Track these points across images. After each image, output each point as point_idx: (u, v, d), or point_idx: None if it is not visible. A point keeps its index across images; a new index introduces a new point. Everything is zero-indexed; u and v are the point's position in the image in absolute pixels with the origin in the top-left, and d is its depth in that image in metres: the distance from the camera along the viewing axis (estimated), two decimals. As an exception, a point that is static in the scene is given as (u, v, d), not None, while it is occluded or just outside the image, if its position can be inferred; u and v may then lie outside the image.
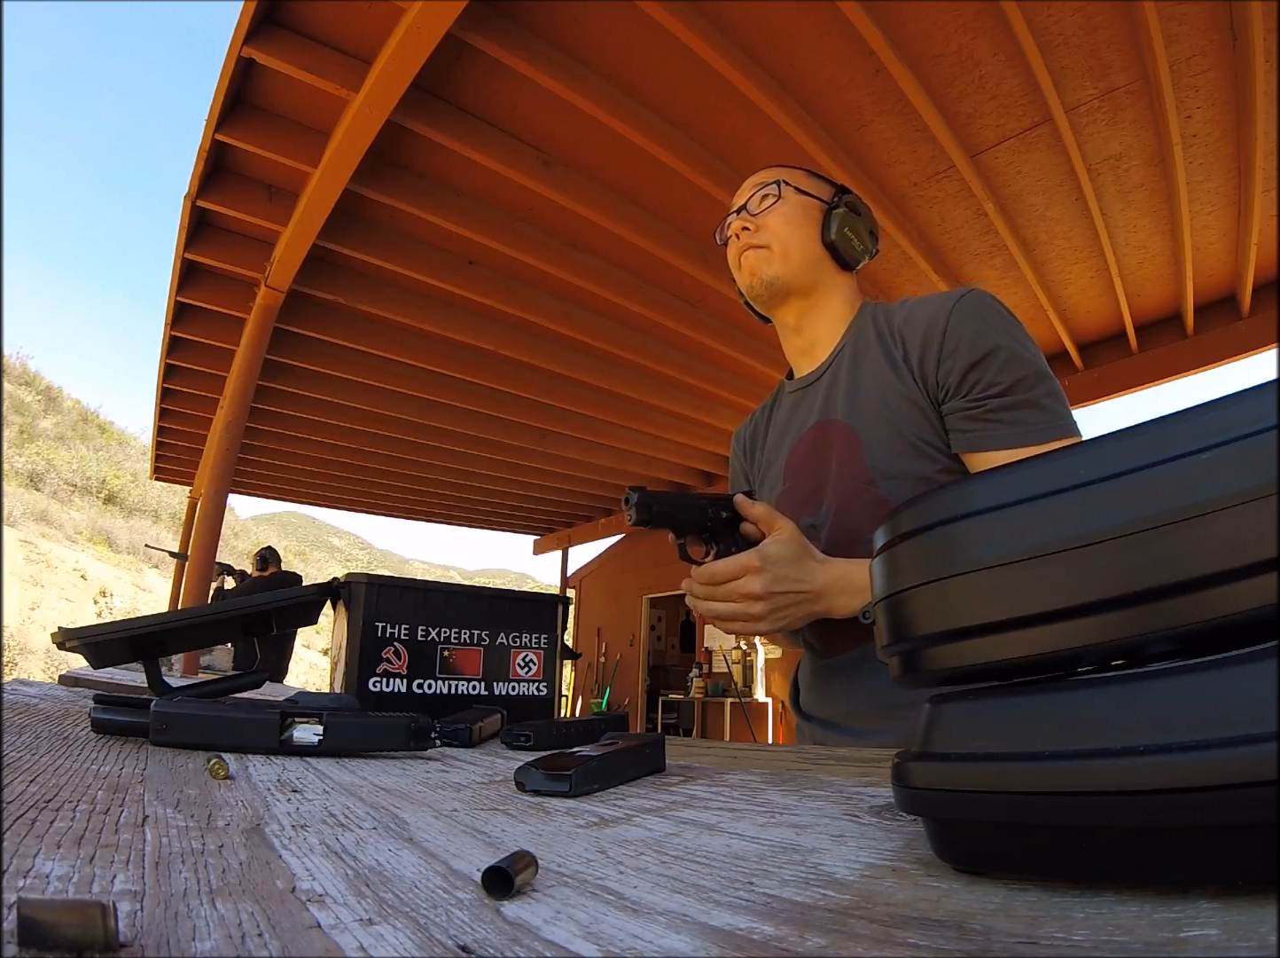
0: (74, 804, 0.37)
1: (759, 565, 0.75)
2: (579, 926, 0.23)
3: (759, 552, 0.77)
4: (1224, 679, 0.22)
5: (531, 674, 1.08)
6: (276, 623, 0.92)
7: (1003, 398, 0.80)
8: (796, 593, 0.76)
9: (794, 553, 0.77)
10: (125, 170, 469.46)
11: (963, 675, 0.29)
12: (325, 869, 0.29)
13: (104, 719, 0.67)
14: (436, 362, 4.34)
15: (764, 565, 0.75)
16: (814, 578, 0.78)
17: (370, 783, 0.52)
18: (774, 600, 0.75)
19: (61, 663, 9.97)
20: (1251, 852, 0.20)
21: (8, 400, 22.44)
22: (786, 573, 0.76)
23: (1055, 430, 0.78)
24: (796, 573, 0.77)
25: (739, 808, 0.45)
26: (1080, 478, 0.25)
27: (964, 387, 0.82)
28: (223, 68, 2.48)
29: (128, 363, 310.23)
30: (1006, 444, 0.79)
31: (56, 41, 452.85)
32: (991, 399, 0.80)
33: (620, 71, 2.52)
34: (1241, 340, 3.85)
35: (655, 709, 7.81)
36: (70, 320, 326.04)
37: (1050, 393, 0.80)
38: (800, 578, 0.77)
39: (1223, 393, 0.24)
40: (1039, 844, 0.24)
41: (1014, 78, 2.52)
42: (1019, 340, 0.82)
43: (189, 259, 3.50)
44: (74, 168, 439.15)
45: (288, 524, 54.79)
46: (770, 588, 0.75)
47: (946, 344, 0.82)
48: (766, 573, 0.75)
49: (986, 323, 0.82)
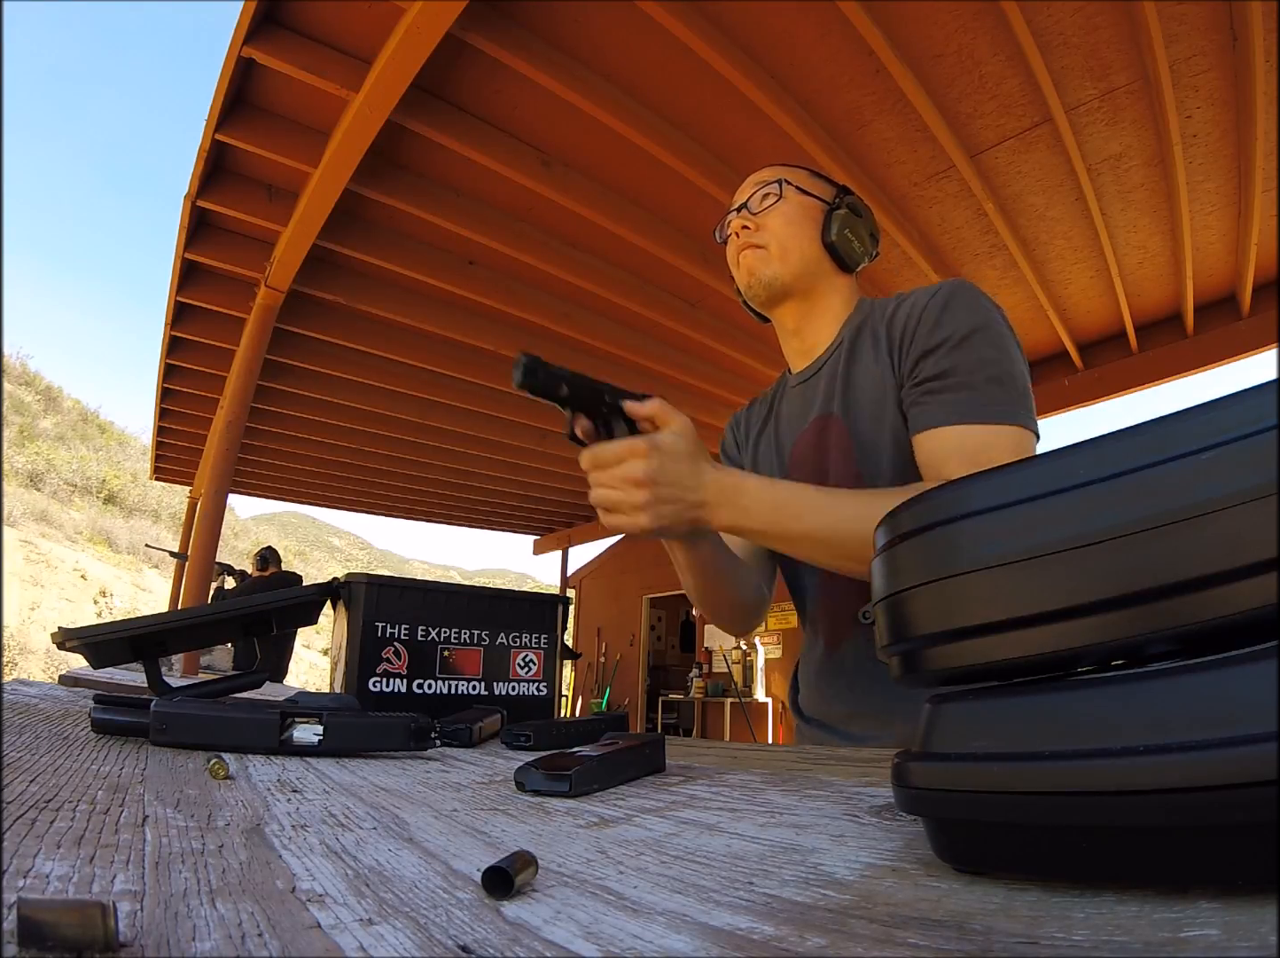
0: (74, 804, 0.37)
1: (645, 450, 0.70)
2: (579, 926, 0.23)
3: (650, 438, 0.72)
4: (1224, 679, 0.22)
5: (531, 674, 1.08)
6: (276, 623, 0.92)
7: (939, 380, 0.80)
8: (681, 488, 0.71)
9: (687, 449, 0.72)
10: (125, 170, 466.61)
11: (963, 675, 0.29)
12: (325, 869, 0.29)
13: (104, 719, 0.67)
14: (436, 362, 4.34)
15: (651, 452, 0.70)
16: (703, 479, 0.72)
17: (370, 783, 0.52)
18: (657, 491, 0.70)
19: (61, 663, 9.97)
20: (1251, 852, 0.20)
21: (8, 400, 22.44)
22: (675, 466, 0.71)
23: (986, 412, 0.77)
24: (686, 468, 0.72)
25: (739, 808, 0.45)
26: (1080, 478, 0.25)
27: (913, 373, 0.83)
28: (223, 68, 2.48)
29: (128, 363, 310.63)
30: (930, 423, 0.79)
31: (56, 41, 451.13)
32: (929, 382, 0.81)
33: (620, 72, 2.52)
34: (1241, 340, 3.85)
35: (655, 709, 7.81)
36: (70, 320, 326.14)
37: (994, 378, 0.79)
38: (688, 474, 0.72)
39: (1223, 393, 0.24)
40: (1039, 844, 0.24)
41: (1014, 78, 2.52)
42: (980, 327, 0.81)
43: (189, 259, 3.50)
44: (74, 167, 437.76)
45: (288, 524, 54.78)
46: (654, 477, 0.69)
47: (911, 335, 0.84)
48: (653, 461, 0.70)
49: (950, 312, 0.82)
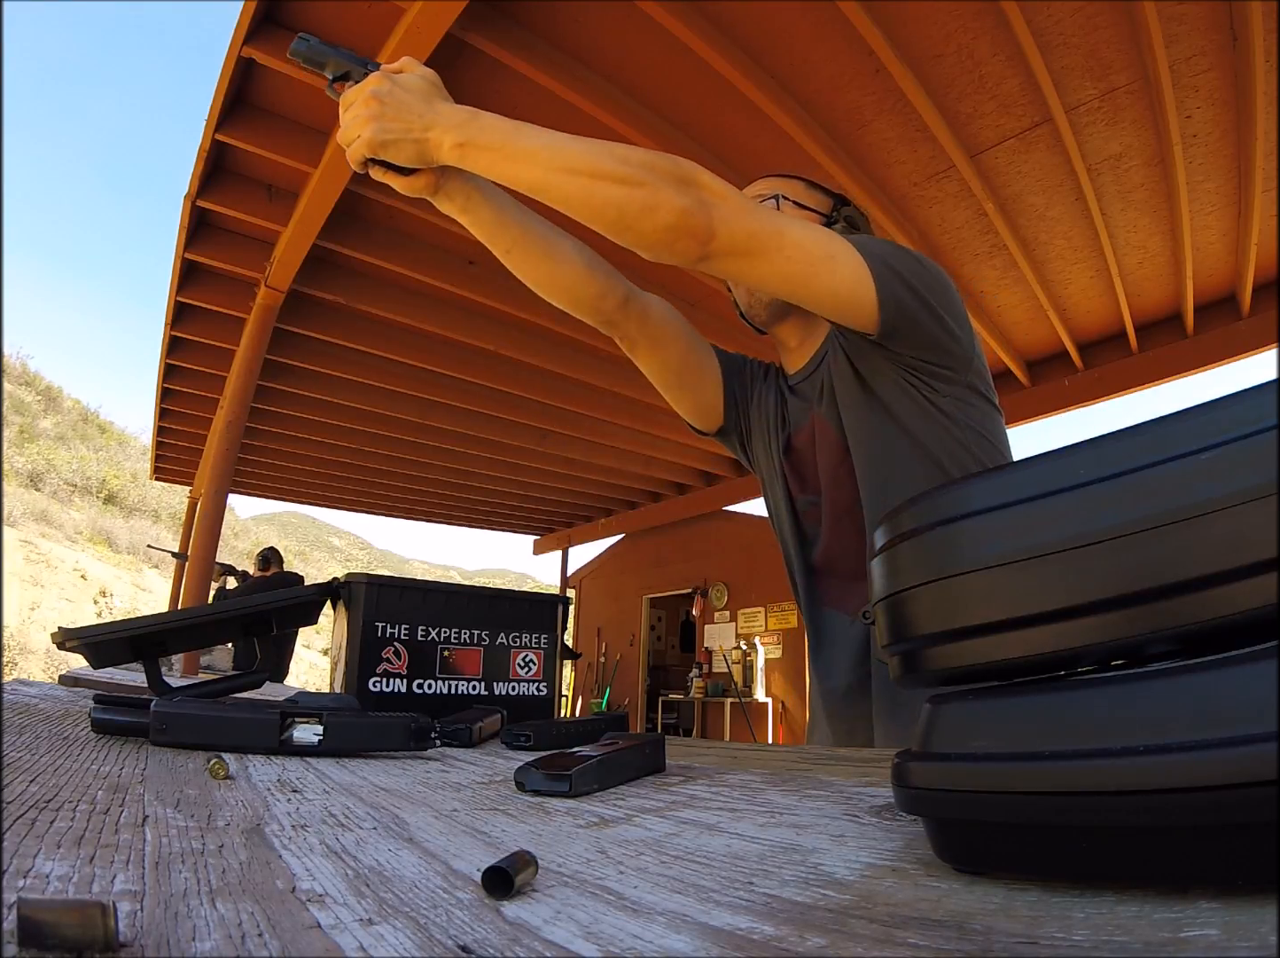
0: (74, 804, 0.37)
1: (381, 77, 0.73)
2: (579, 926, 0.23)
3: (386, 71, 0.74)
4: (1224, 679, 0.22)
5: (531, 674, 1.08)
6: (276, 623, 0.92)
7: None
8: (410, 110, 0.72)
9: (423, 85, 0.74)
10: (125, 170, 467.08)
11: (963, 675, 0.29)
12: (325, 869, 0.29)
13: (104, 719, 0.67)
14: (436, 362, 4.34)
15: (385, 77, 0.72)
16: (435, 107, 0.73)
17: (370, 783, 0.52)
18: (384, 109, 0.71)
19: (61, 663, 9.97)
20: (1251, 852, 0.20)
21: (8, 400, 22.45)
22: (406, 95, 0.72)
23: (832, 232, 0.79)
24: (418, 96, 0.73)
25: (739, 808, 0.45)
26: (1080, 478, 0.25)
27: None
28: (223, 68, 2.49)
29: (128, 363, 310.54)
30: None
31: (56, 41, 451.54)
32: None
33: (620, 71, 2.52)
34: (1241, 340, 3.85)
35: (655, 709, 7.81)
36: (70, 320, 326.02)
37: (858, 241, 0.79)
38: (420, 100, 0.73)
39: (1223, 393, 0.24)
40: (1039, 844, 0.24)
41: (1014, 78, 2.52)
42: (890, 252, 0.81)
43: (189, 259, 3.50)
44: (74, 168, 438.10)
45: (288, 524, 54.77)
46: (383, 96, 0.71)
47: None
48: (385, 83, 0.72)
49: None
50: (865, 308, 0.77)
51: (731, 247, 0.71)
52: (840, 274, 0.75)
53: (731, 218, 0.71)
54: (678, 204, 0.68)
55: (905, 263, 0.80)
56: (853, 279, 0.76)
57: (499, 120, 0.73)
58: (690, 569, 7.52)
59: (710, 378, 1.03)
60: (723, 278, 0.83)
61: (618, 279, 0.93)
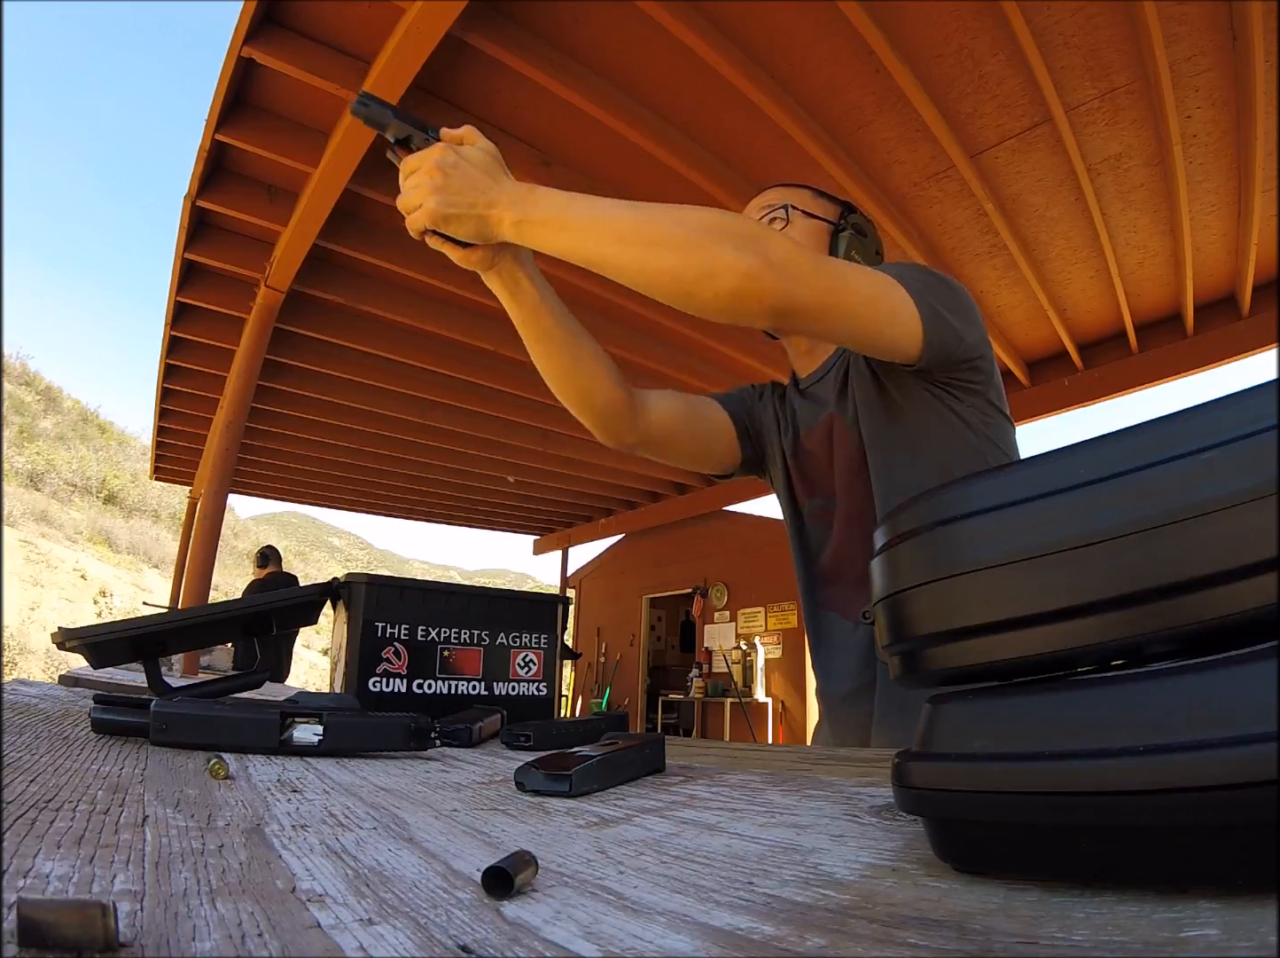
0: (74, 804, 0.37)
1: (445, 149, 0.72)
2: (579, 926, 0.23)
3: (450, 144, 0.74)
4: (1224, 679, 0.22)
5: (531, 674, 1.08)
6: (276, 623, 0.92)
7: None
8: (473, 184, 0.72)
9: (486, 159, 0.74)
10: (125, 170, 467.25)
11: (963, 675, 0.29)
12: (325, 869, 0.29)
13: (104, 719, 0.67)
14: (436, 362, 4.34)
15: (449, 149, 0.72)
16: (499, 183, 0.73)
17: (370, 783, 0.52)
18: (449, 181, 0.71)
19: (61, 663, 9.97)
20: (1251, 852, 0.20)
21: (8, 400, 22.44)
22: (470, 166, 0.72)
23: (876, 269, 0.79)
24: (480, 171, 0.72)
25: (739, 808, 0.45)
26: (1080, 478, 0.25)
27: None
28: (223, 68, 2.48)
29: (128, 363, 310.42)
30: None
31: (56, 41, 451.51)
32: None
33: (620, 72, 2.52)
34: (1241, 340, 3.85)
35: (655, 709, 7.81)
36: (70, 320, 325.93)
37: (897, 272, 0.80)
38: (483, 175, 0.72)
39: (1223, 393, 0.24)
40: (1039, 844, 0.24)
41: (1014, 78, 2.52)
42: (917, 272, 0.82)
43: (189, 259, 3.50)
44: (74, 168, 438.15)
45: (288, 524, 54.76)
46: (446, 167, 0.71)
47: None
48: (450, 154, 0.72)
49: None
50: (912, 350, 0.79)
51: (802, 307, 0.69)
52: (898, 324, 0.77)
53: (799, 277, 0.69)
54: (740, 267, 0.66)
55: (945, 298, 0.81)
56: (908, 327, 0.77)
57: (553, 194, 0.73)
58: (690, 569, 7.52)
59: (721, 438, 1.04)
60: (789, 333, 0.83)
61: (623, 388, 0.95)
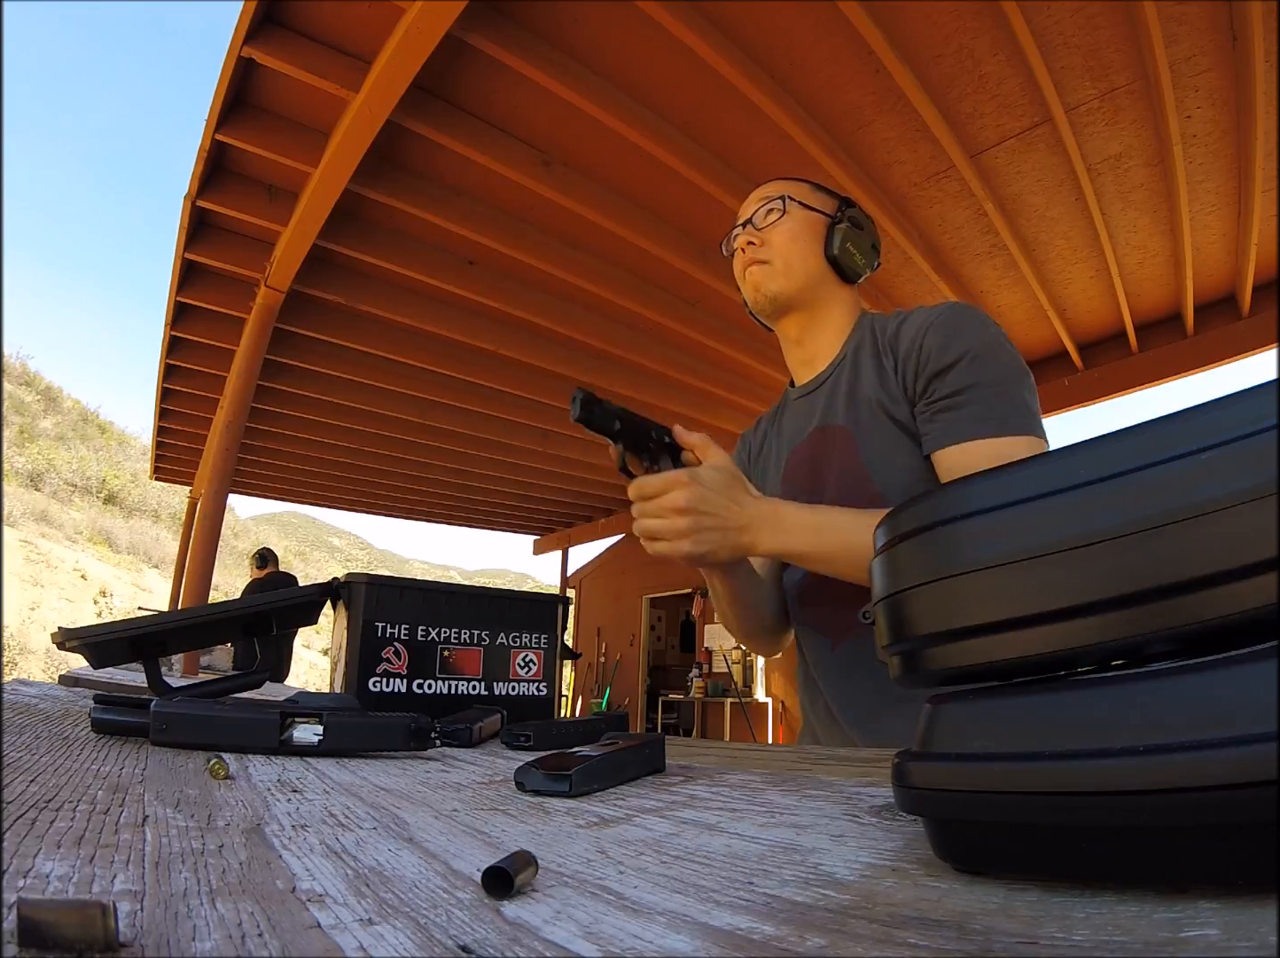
0: (74, 804, 0.37)
1: (687, 481, 0.75)
2: (579, 926, 0.23)
3: (690, 470, 0.77)
4: (1224, 679, 0.22)
5: (531, 674, 1.08)
6: (276, 623, 0.92)
7: (955, 397, 0.82)
8: (723, 516, 0.76)
9: (725, 479, 0.77)
10: (125, 171, 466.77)
11: (963, 675, 0.29)
12: (325, 869, 0.29)
13: (104, 719, 0.67)
14: (436, 362, 4.34)
15: (692, 482, 0.75)
16: (743, 505, 0.77)
17: (370, 783, 0.52)
18: (699, 519, 0.75)
19: (61, 663, 9.97)
20: (1251, 852, 0.20)
21: (8, 400, 22.43)
22: (715, 495, 0.76)
23: (1005, 426, 0.79)
24: (725, 497, 0.77)
25: (739, 808, 0.45)
26: (1080, 478, 0.25)
27: (927, 392, 0.85)
28: (223, 68, 2.48)
29: (128, 363, 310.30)
30: (952, 439, 0.81)
31: (56, 41, 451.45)
32: (946, 399, 0.83)
33: (620, 71, 2.52)
34: (1241, 340, 3.85)
35: (655, 709, 7.81)
36: (70, 320, 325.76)
37: (1007, 394, 0.81)
38: (728, 502, 0.77)
39: (1223, 393, 0.24)
40: (1039, 844, 0.24)
41: (1014, 78, 2.52)
42: (989, 347, 0.83)
43: (189, 259, 3.50)
44: (74, 168, 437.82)
45: (288, 524, 54.74)
46: (695, 505, 0.74)
47: (921, 356, 0.86)
48: (694, 489, 0.75)
49: (957, 333, 0.84)
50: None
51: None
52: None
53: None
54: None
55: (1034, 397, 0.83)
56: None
57: (800, 517, 0.78)
58: (690, 569, 7.47)
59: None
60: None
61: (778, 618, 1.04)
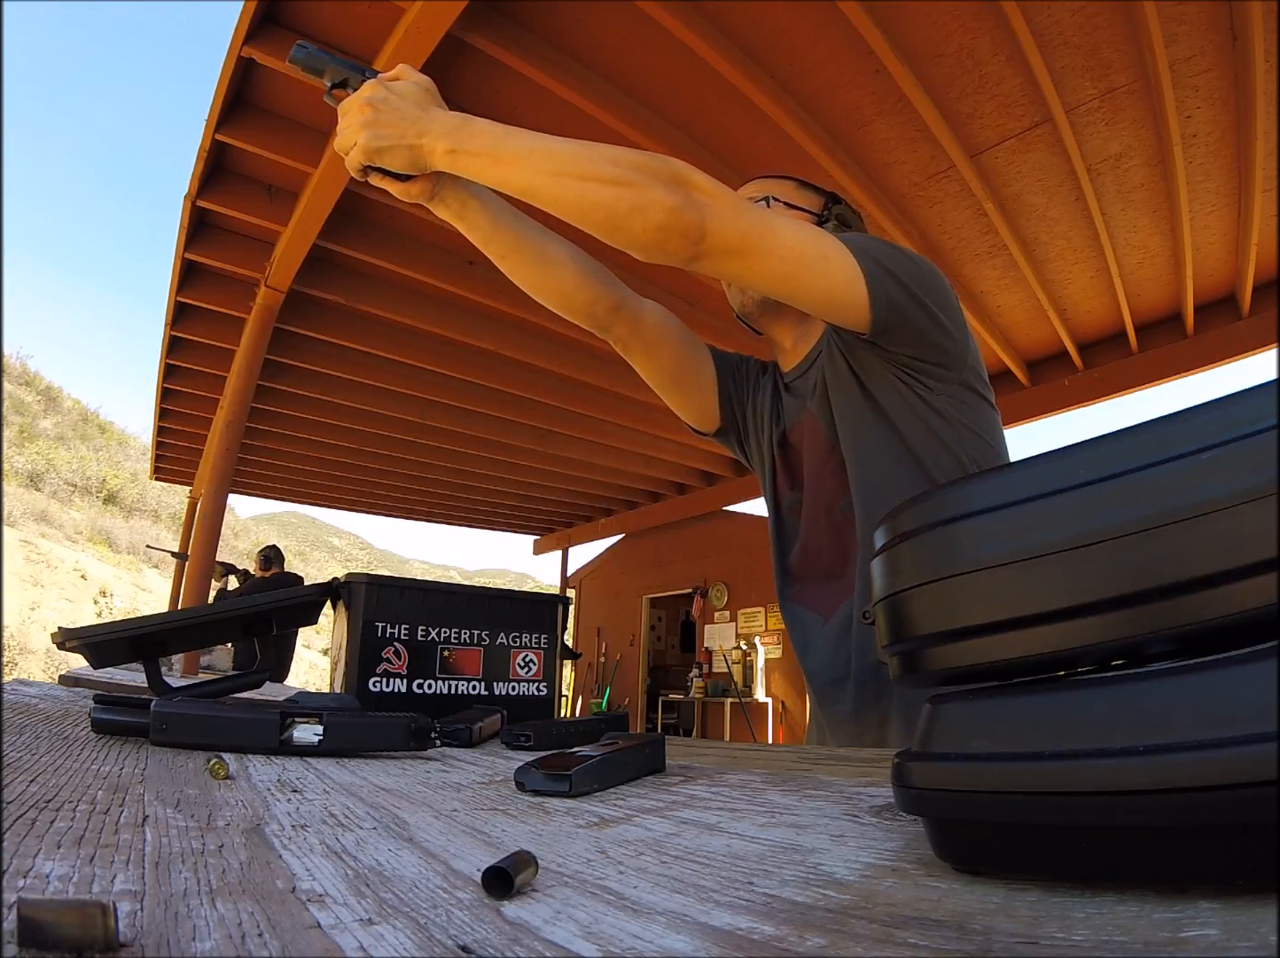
0: (74, 804, 0.37)
1: (375, 83, 0.73)
2: (579, 926, 0.23)
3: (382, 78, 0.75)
4: (1224, 679, 0.22)
5: (531, 674, 1.08)
6: (277, 623, 0.92)
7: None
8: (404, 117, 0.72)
9: (418, 92, 0.74)
10: (125, 171, 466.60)
11: (963, 675, 0.29)
12: (325, 869, 0.29)
13: (104, 719, 0.67)
14: (436, 362, 4.34)
15: (380, 84, 0.73)
16: (430, 114, 0.73)
17: (370, 783, 0.52)
18: (379, 115, 0.72)
19: (61, 663, 9.97)
20: (1251, 852, 0.20)
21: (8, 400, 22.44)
22: (401, 101, 0.73)
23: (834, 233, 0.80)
24: (412, 103, 0.73)
25: (739, 808, 0.45)
26: (1080, 478, 0.25)
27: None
28: (223, 68, 2.48)
29: (128, 363, 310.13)
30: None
31: (56, 42, 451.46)
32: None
33: (620, 72, 2.52)
34: (1241, 340, 3.85)
35: (655, 709, 7.81)
36: (70, 320, 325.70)
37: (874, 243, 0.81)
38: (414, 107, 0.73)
39: (1223, 393, 0.24)
40: (1039, 844, 0.24)
41: (1014, 78, 2.52)
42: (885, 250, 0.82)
43: (189, 259, 3.50)
44: (74, 168, 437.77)
45: (288, 524, 54.75)
46: (377, 102, 0.72)
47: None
48: (380, 88, 0.73)
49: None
50: (857, 307, 0.77)
51: (723, 246, 0.71)
52: (832, 273, 0.75)
53: (722, 216, 0.70)
54: (667, 203, 0.68)
55: (897, 260, 0.80)
56: (845, 278, 0.76)
57: (489, 125, 0.73)
58: (690, 569, 7.52)
59: (705, 379, 1.04)
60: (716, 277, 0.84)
61: (612, 284, 0.94)
